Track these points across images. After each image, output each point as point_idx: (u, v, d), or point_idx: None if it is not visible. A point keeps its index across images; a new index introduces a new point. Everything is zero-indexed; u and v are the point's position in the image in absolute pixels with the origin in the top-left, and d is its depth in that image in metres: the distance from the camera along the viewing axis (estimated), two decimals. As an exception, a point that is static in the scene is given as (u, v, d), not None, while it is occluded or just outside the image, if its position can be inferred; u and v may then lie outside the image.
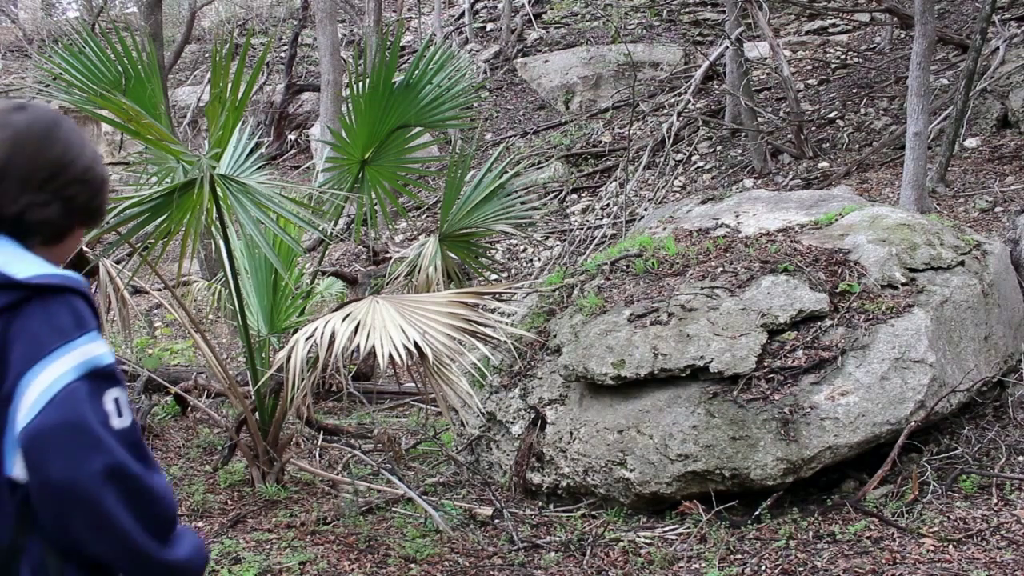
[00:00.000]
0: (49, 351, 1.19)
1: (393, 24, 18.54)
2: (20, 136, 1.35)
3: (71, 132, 1.44)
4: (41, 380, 1.18)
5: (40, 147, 1.36)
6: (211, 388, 6.10)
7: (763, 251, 5.29)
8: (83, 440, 1.16)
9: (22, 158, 1.34)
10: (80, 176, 1.41)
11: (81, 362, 1.21)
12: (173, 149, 4.18)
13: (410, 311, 4.05)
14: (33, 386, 1.17)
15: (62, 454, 1.15)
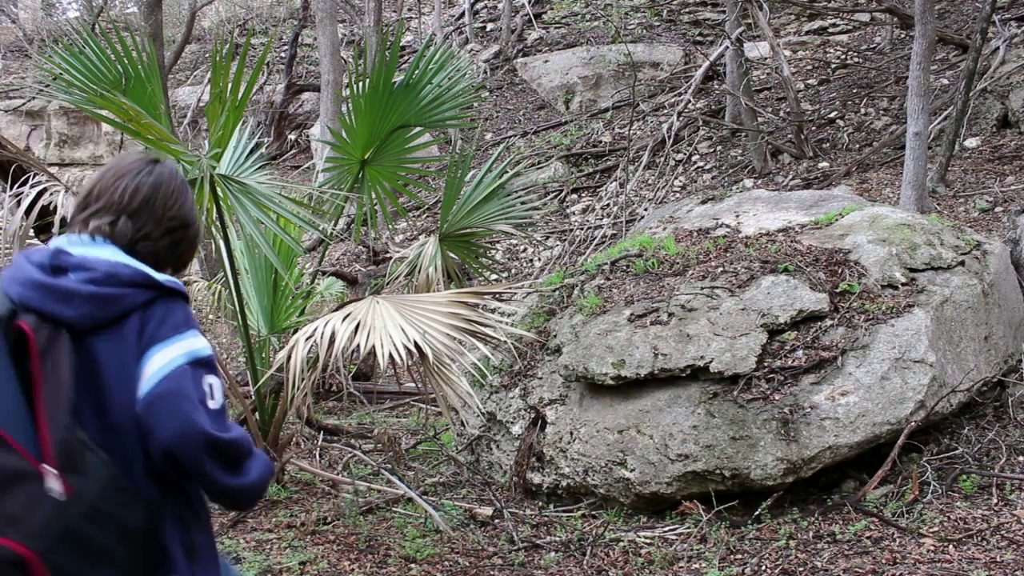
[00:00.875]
0: (170, 337, 1.53)
1: (393, 24, 18.54)
2: (161, 183, 1.70)
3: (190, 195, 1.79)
4: (158, 356, 1.51)
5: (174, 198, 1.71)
6: (211, 388, 6.09)
7: (763, 251, 5.29)
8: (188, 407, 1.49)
9: (159, 200, 1.69)
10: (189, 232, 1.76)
11: (190, 352, 1.54)
12: (173, 149, 4.18)
13: (410, 311, 4.06)
14: (152, 360, 1.51)
15: (172, 417, 1.48)
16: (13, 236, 4.53)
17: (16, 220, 4.51)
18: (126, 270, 1.56)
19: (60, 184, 4.71)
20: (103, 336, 1.51)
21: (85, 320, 1.50)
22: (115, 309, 1.52)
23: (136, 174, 1.67)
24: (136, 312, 1.53)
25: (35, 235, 5.18)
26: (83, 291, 1.50)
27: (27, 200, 4.51)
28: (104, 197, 1.64)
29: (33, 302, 1.48)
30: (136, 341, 1.52)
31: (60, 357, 1.45)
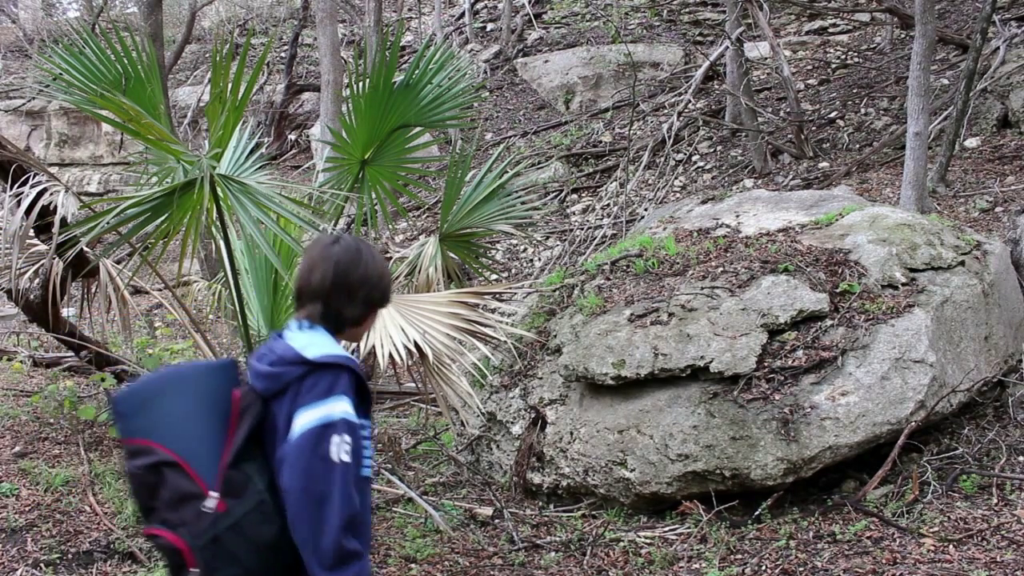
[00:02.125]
0: (310, 404, 1.95)
1: (393, 24, 18.54)
2: (340, 263, 2.09)
3: (368, 253, 2.15)
4: (300, 420, 1.94)
5: (351, 269, 2.10)
6: (211, 388, 6.09)
7: (763, 251, 5.28)
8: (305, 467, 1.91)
9: (341, 278, 2.09)
10: (376, 284, 2.15)
11: (324, 417, 1.94)
12: (173, 149, 4.18)
13: (410, 311, 4.06)
14: (296, 422, 1.94)
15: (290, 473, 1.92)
16: (13, 236, 4.53)
17: (16, 220, 4.51)
18: (289, 352, 2.03)
19: (60, 184, 4.71)
20: (277, 401, 2.01)
21: (266, 390, 2.03)
22: (280, 382, 2.01)
23: (322, 261, 2.10)
24: (293, 384, 1.99)
25: (35, 235, 5.18)
26: (264, 371, 2.04)
27: (27, 200, 4.51)
28: (307, 289, 2.10)
29: (248, 378, 2.10)
30: (290, 405, 1.98)
31: (247, 419, 1.99)
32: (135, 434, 1.98)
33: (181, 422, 1.98)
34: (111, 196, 8.88)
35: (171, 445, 1.94)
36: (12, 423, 5.50)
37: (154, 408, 1.99)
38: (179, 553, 1.89)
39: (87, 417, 5.38)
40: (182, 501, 1.91)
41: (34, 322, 5.88)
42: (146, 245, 4.86)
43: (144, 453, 1.96)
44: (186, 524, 1.90)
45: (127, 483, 2.11)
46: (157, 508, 1.94)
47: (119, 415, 2.01)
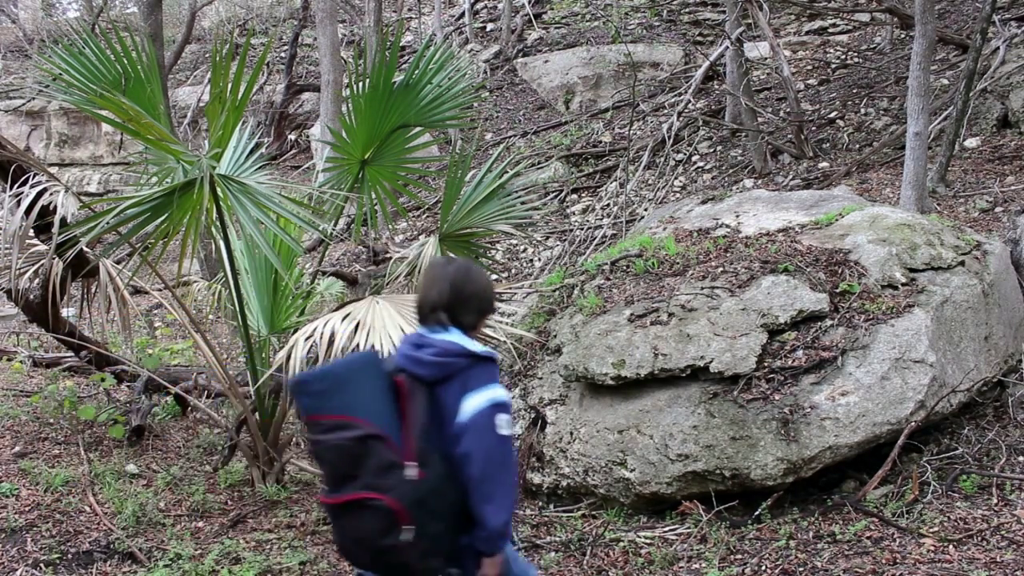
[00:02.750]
0: (479, 387, 2.35)
1: (393, 24, 18.54)
2: (454, 281, 2.52)
3: (476, 271, 2.59)
4: (471, 400, 2.34)
5: (464, 285, 2.52)
6: (211, 388, 6.10)
7: (763, 251, 5.28)
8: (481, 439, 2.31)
9: (457, 293, 2.50)
10: (484, 296, 2.57)
11: (492, 399, 2.35)
12: (173, 149, 4.18)
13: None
14: (468, 403, 2.34)
15: (469, 442, 2.31)
16: (13, 236, 4.53)
17: (16, 220, 4.51)
18: (454, 347, 2.42)
19: (60, 184, 4.71)
20: (443, 386, 2.37)
21: (432, 377, 2.38)
22: (448, 371, 2.38)
23: (439, 280, 2.52)
24: (462, 372, 2.37)
25: (35, 235, 5.17)
26: (429, 360, 2.40)
27: (27, 200, 4.51)
28: (428, 302, 2.51)
29: (405, 365, 2.41)
30: (460, 390, 2.35)
31: (418, 399, 2.35)
32: (335, 410, 2.29)
33: (373, 402, 2.32)
34: (111, 196, 8.89)
35: (374, 421, 2.28)
36: (12, 423, 5.50)
37: (351, 388, 2.32)
38: (393, 513, 2.22)
39: (87, 417, 5.38)
40: (388, 469, 2.24)
41: (34, 322, 5.88)
42: (146, 245, 4.86)
43: (348, 427, 2.27)
44: (394, 488, 2.23)
45: (324, 453, 2.32)
46: (360, 476, 2.25)
47: (314, 393, 2.32)
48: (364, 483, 2.24)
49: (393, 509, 2.22)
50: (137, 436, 5.37)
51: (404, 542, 2.23)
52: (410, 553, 2.25)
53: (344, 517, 2.29)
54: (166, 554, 3.96)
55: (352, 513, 2.26)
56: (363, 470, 2.24)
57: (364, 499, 2.23)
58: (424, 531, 2.26)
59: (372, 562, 2.32)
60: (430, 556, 2.28)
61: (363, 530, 2.25)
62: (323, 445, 2.30)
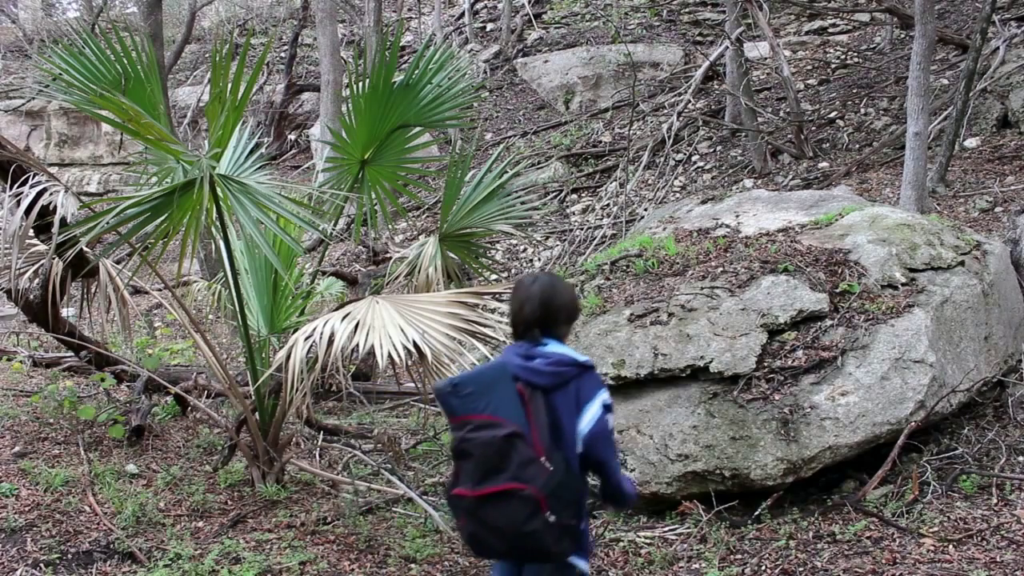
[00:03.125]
0: (594, 396, 2.65)
1: (393, 24, 18.54)
2: (543, 298, 2.76)
3: (560, 285, 2.83)
4: (591, 409, 2.63)
5: (552, 300, 2.77)
6: (211, 388, 6.10)
7: (763, 251, 5.28)
8: (608, 439, 2.66)
9: (547, 309, 2.75)
10: (570, 307, 2.84)
11: (603, 402, 2.66)
12: (173, 149, 4.18)
13: (410, 311, 4.05)
14: (588, 411, 2.63)
15: (602, 446, 2.64)
16: (13, 236, 4.53)
17: (16, 220, 4.50)
18: (564, 358, 2.68)
19: (60, 184, 4.71)
20: (558, 393, 2.64)
21: (548, 384, 2.65)
22: (561, 379, 2.65)
23: (528, 299, 2.76)
24: (574, 380, 2.66)
25: (35, 235, 5.17)
26: (545, 370, 2.66)
27: (27, 200, 4.51)
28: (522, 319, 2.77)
29: (521, 375, 2.65)
30: (575, 396, 2.64)
31: (538, 404, 2.62)
32: (484, 411, 2.59)
33: (511, 405, 2.60)
34: (111, 196, 8.89)
35: (514, 421, 2.57)
36: (12, 423, 5.50)
37: (495, 392, 2.62)
38: (536, 501, 2.51)
39: (87, 417, 5.38)
40: (529, 463, 2.53)
41: (34, 322, 5.88)
42: (146, 245, 4.86)
43: (495, 426, 2.56)
44: (535, 480, 2.51)
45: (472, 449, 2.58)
46: (506, 469, 2.53)
47: (465, 396, 2.62)
48: (510, 475, 2.52)
49: (536, 498, 2.51)
50: (137, 436, 5.36)
51: (545, 527, 2.53)
52: (548, 538, 2.55)
53: (487, 507, 2.55)
54: (166, 554, 3.95)
55: (498, 502, 2.54)
56: (509, 464, 2.53)
57: (512, 489, 2.51)
58: (560, 518, 2.55)
59: (509, 548, 2.59)
60: (562, 540, 2.58)
61: (509, 517, 2.53)
62: (472, 442, 2.58)
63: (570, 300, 2.84)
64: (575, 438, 2.65)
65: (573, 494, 2.63)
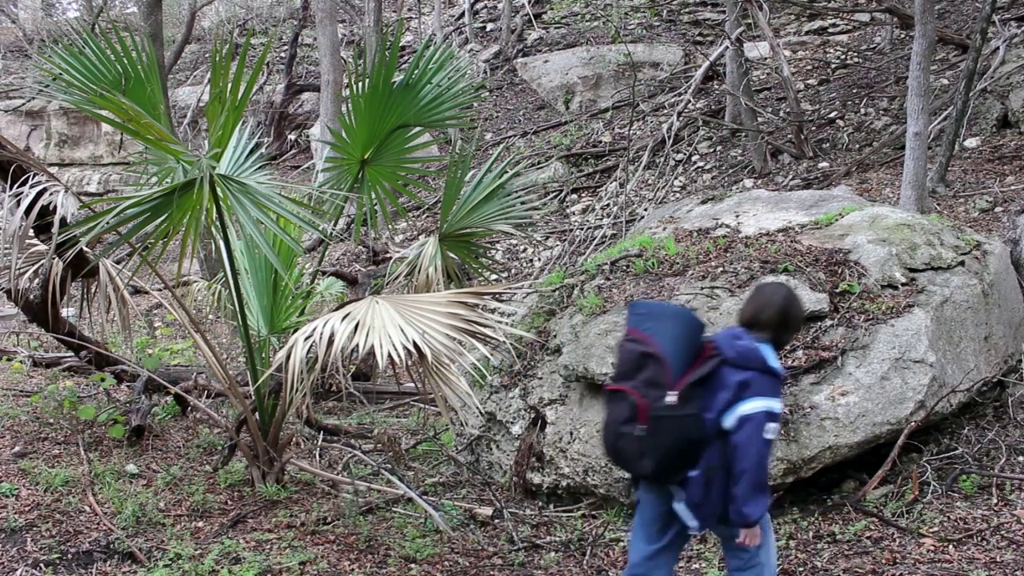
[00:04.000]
0: (757, 395, 2.92)
1: (393, 24, 18.54)
2: (783, 309, 3.11)
3: (797, 301, 3.19)
4: (751, 404, 2.91)
5: (790, 312, 3.13)
6: (211, 388, 6.10)
7: (763, 251, 5.28)
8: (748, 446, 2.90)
9: (783, 318, 3.10)
10: (799, 323, 3.22)
11: (764, 407, 2.91)
12: (173, 149, 4.18)
13: (410, 311, 4.05)
14: (751, 404, 2.91)
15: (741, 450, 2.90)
16: (13, 236, 4.53)
17: (16, 220, 4.50)
18: (758, 354, 3.00)
19: (60, 184, 4.70)
20: (731, 370, 2.97)
21: (730, 360, 2.99)
22: (743, 362, 2.98)
23: (769, 306, 3.10)
24: (751, 372, 2.96)
25: (35, 235, 5.17)
26: (739, 347, 3.01)
27: (27, 200, 4.51)
28: (758, 321, 3.09)
29: (717, 341, 3.04)
30: (741, 385, 2.94)
31: (708, 364, 2.97)
32: (644, 330, 3.02)
33: (670, 340, 2.99)
34: (111, 196, 8.89)
35: (661, 349, 2.96)
36: (12, 423, 5.50)
37: (659, 323, 3.04)
38: (637, 409, 2.91)
39: (87, 417, 5.38)
40: (654, 385, 2.92)
41: (34, 322, 5.88)
42: (146, 245, 4.86)
43: (642, 344, 2.99)
44: (647, 397, 2.91)
45: (621, 354, 3.05)
46: (633, 378, 2.95)
47: (637, 315, 3.08)
48: (632, 384, 2.95)
49: (639, 407, 2.91)
50: (137, 436, 5.37)
51: (632, 436, 2.92)
52: (632, 447, 2.93)
53: (610, 403, 3.03)
54: (166, 554, 3.96)
55: (616, 400, 2.99)
56: (636, 375, 2.96)
57: (625, 391, 2.96)
58: (651, 439, 2.90)
59: (613, 446, 3.02)
60: (643, 458, 2.93)
61: (615, 415, 2.98)
62: (623, 348, 3.06)
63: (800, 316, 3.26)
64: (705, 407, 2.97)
65: (682, 441, 2.94)
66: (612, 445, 3.01)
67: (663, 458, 2.93)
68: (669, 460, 2.94)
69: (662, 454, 2.92)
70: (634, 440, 2.92)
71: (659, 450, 2.91)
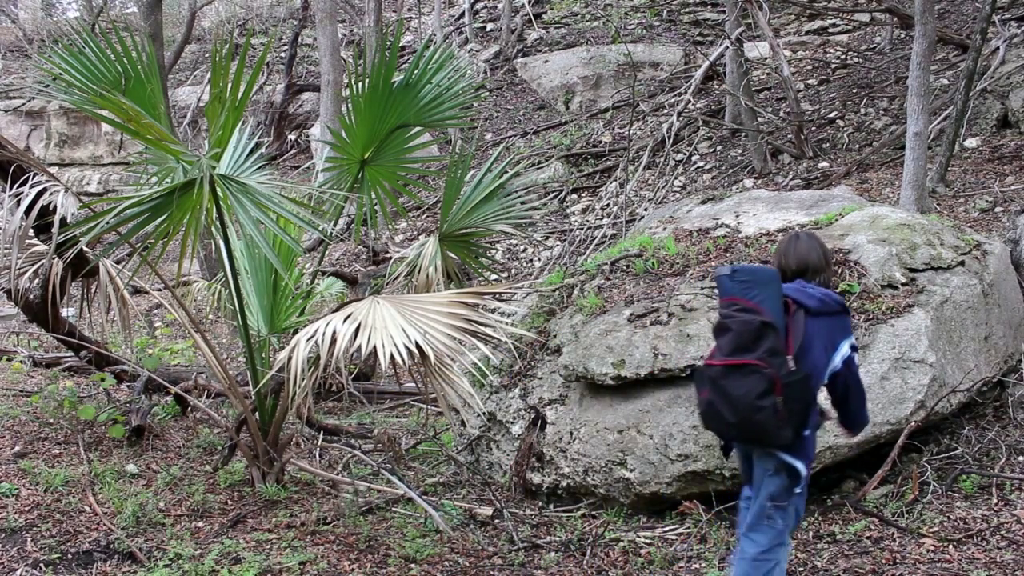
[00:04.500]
0: (846, 335, 3.17)
1: (393, 24, 18.54)
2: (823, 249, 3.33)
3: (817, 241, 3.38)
4: (846, 345, 3.15)
5: (826, 252, 3.34)
6: (211, 388, 6.10)
7: (763, 251, 5.28)
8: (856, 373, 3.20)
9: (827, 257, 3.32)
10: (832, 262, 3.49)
11: (851, 343, 3.17)
12: (173, 149, 4.18)
13: (410, 311, 4.05)
14: (843, 346, 3.14)
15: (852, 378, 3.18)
16: (13, 236, 4.53)
17: (16, 220, 4.51)
18: (832, 296, 3.21)
19: (60, 184, 4.71)
20: (816, 318, 3.13)
21: (814, 309, 3.14)
22: (826, 309, 3.15)
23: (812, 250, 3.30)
24: (836, 315, 3.16)
25: (35, 235, 5.17)
26: (817, 296, 3.18)
27: (27, 200, 4.51)
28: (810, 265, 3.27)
29: (792, 295, 3.16)
30: (829, 331, 3.14)
31: (799, 320, 3.12)
32: (752, 299, 3.07)
33: (775, 304, 3.08)
34: (111, 196, 8.89)
35: (773, 316, 3.05)
36: (12, 423, 5.50)
37: (766, 289, 3.09)
38: (773, 382, 2.97)
39: (87, 417, 5.38)
40: (776, 354, 3.00)
41: (34, 322, 5.88)
42: (146, 245, 4.87)
43: (757, 313, 3.04)
44: (777, 367, 2.98)
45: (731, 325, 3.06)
46: (755, 350, 3.00)
47: (741, 282, 3.11)
48: (757, 355, 2.98)
49: (774, 379, 2.96)
50: (137, 436, 5.37)
51: (773, 409, 2.96)
52: (772, 419, 2.97)
53: (732, 376, 3.00)
54: (166, 554, 3.96)
55: (742, 374, 2.99)
56: (759, 346, 2.99)
57: (756, 366, 2.97)
58: (786, 407, 2.98)
59: (738, 421, 3.01)
60: (783, 428, 2.99)
61: (747, 389, 2.97)
62: (735, 319, 3.05)
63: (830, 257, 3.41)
64: (820, 364, 3.11)
65: (804, 403, 3.05)
66: (746, 419, 2.99)
67: (796, 425, 3.04)
68: (796, 425, 3.05)
69: (796, 421, 3.03)
70: (774, 412, 2.96)
71: (794, 417, 3.01)
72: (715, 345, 3.13)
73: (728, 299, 3.11)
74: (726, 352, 3.04)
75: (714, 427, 3.18)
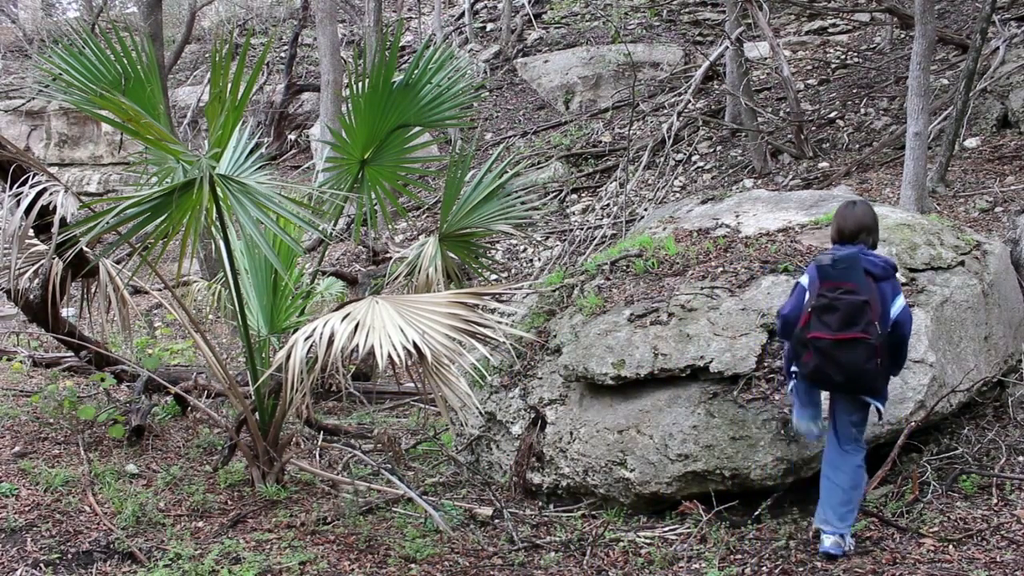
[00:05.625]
0: (899, 292, 3.86)
1: (393, 24, 18.54)
2: (874, 214, 3.99)
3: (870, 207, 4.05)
4: (899, 301, 3.84)
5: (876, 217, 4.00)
6: (211, 388, 6.10)
7: (763, 251, 5.28)
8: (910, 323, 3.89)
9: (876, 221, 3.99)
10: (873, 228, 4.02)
11: (903, 299, 3.86)
12: (173, 149, 4.18)
13: (410, 311, 4.05)
14: (897, 301, 3.83)
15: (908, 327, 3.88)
16: (13, 236, 4.53)
17: (16, 220, 4.51)
18: (889, 261, 3.87)
19: (60, 184, 4.71)
20: (884, 282, 3.79)
21: (882, 275, 3.79)
22: (887, 274, 3.81)
23: (865, 215, 3.94)
24: (892, 277, 3.83)
25: (35, 235, 5.17)
26: (881, 263, 3.84)
27: (27, 200, 4.51)
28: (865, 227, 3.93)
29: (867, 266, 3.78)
30: (890, 289, 3.80)
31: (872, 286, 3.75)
32: (852, 281, 3.71)
33: (863, 282, 3.72)
34: (111, 196, 8.90)
35: (865, 294, 3.70)
36: (12, 423, 5.50)
37: (856, 271, 3.73)
38: (875, 349, 3.68)
39: (87, 417, 5.38)
40: (871, 324, 3.67)
41: (34, 322, 5.88)
42: (146, 245, 4.86)
43: (857, 293, 3.69)
44: (874, 335, 3.68)
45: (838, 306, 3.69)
46: (858, 324, 3.66)
47: (840, 268, 3.73)
48: (861, 328, 3.66)
49: (876, 346, 3.68)
50: (137, 436, 5.37)
51: (876, 369, 3.71)
52: (876, 376, 3.74)
53: (842, 348, 3.68)
54: (166, 554, 3.95)
55: (851, 346, 3.68)
56: (861, 320, 3.67)
57: (862, 338, 3.67)
58: (883, 365, 3.73)
59: (846, 380, 3.72)
60: (878, 380, 3.77)
61: (856, 357, 3.67)
62: (842, 301, 3.69)
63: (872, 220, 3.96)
64: (889, 318, 3.76)
65: (892, 357, 3.83)
66: (854, 379, 3.71)
67: (886, 378, 3.84)
68: (887, 376, 3.85)
69: (887, 373, 3.84)
70: (878, 373, 3.72)
71: (887, 373, 3.83)
72: (807, 318, 3.77)
73: (831, 283, 3.73)
74: (835, 328, 3.69)
75: (822, 384, 3.84)
